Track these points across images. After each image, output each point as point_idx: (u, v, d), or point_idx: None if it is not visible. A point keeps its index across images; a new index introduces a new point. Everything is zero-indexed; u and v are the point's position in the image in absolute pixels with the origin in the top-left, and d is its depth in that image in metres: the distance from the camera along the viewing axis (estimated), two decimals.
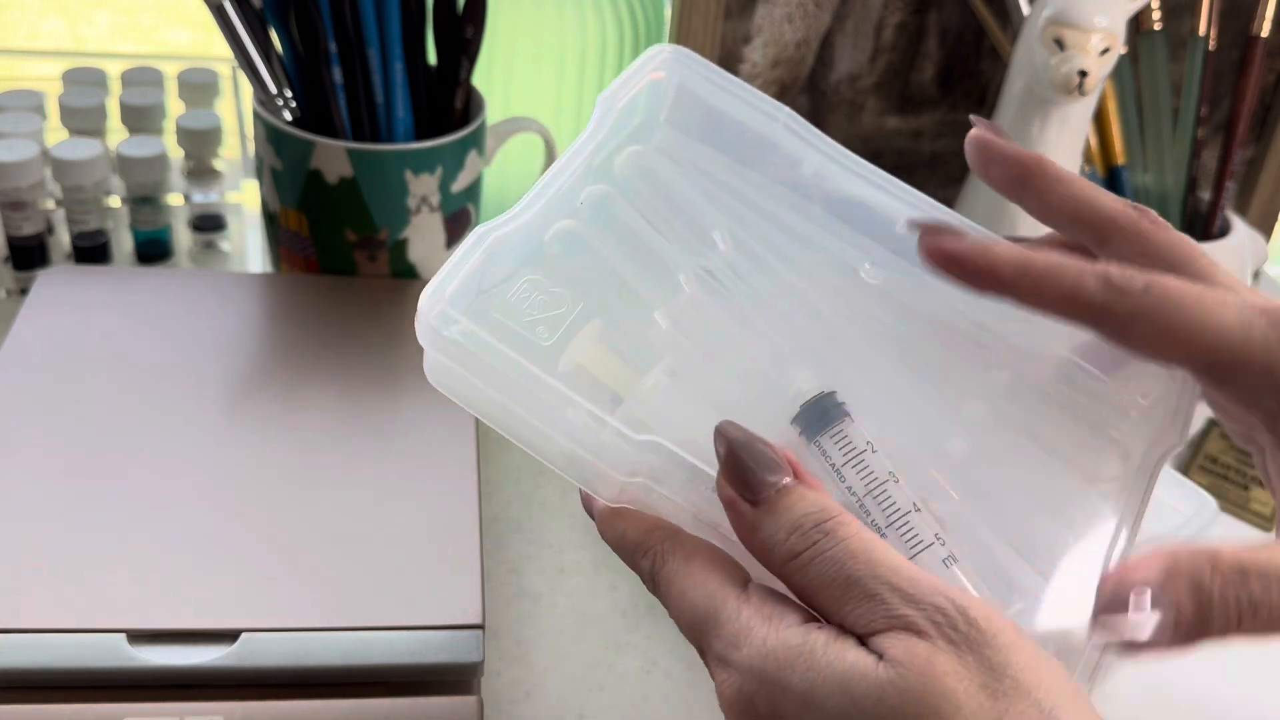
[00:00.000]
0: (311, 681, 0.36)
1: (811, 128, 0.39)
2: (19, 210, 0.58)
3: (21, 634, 0.35)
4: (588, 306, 0.34)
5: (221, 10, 0.51)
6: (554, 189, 0.36)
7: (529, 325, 0.33)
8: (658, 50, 0.38)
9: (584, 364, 0.33)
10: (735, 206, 0.38)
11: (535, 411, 0.32)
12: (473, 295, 0.33)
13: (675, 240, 0.36)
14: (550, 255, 0.35)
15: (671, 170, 0.38)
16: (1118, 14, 0.55)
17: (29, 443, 0.42)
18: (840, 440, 0.32)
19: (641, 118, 0.39)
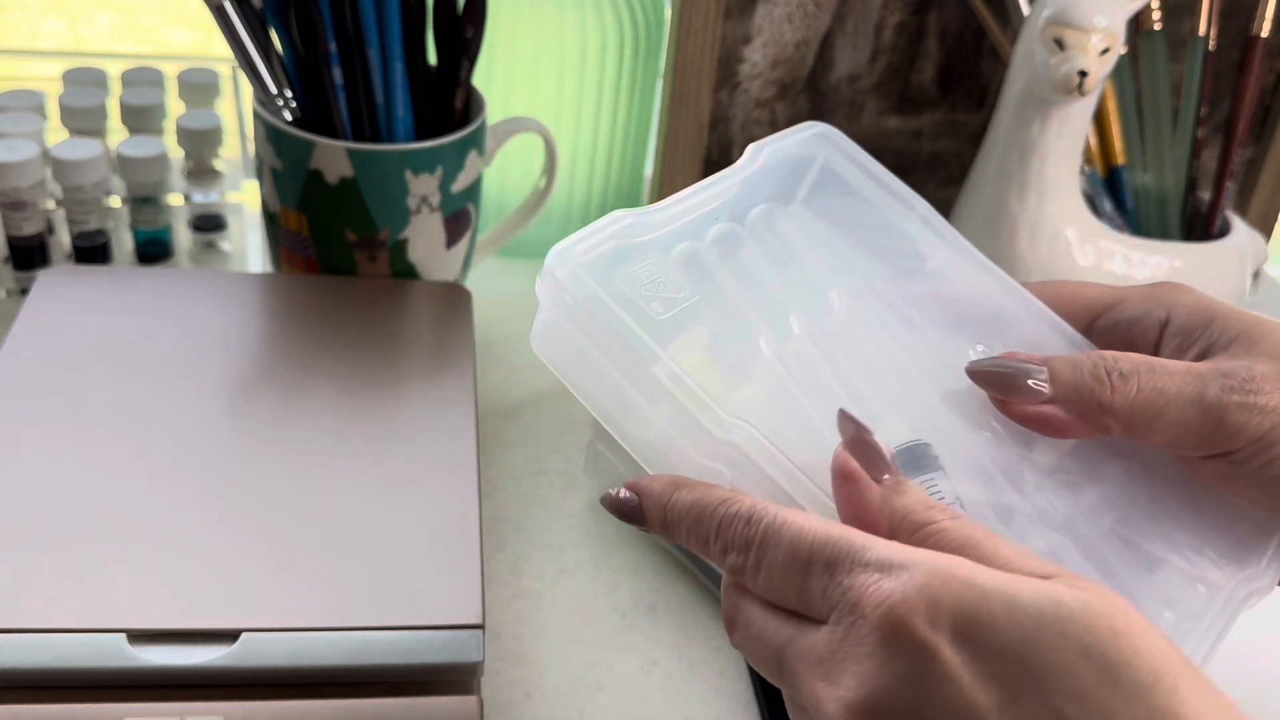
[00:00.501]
0: (311, 681, 0.36)
1: (945, 223, 0.41)
2: (19, 210, 0.58)
3: (21, 634, 0.35)
4: (704, 301, 0.35)
5: (222, 10, 0.51)
6: (690, 203, 0.37)
7: (646, 299, 0.34)
8: (811, 125, 0.41)
9: (684, 364, 0.33)
10: (854, 279, 0.39)
11: (635, 379, 0.33)
12: (600, 261, 0.34)
13: (793, 290, 0.37)
14: (672, 259, 0.36)
15: (801, 234, 0.39)
16: (1118, 14, 0.55)
17: (29, 442, 0.42)
18: (931, 488, 0.32)
19: (781, 184, 0.40)
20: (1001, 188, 0.59)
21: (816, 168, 0.41)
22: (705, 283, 0.36)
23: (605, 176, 0.70)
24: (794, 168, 0.41)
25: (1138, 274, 0.60)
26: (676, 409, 0.32)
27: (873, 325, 0.38)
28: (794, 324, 0.37)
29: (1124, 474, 0.36)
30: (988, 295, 0.40)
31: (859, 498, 0.30)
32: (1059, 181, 0.58)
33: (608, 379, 0.34)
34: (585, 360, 0.34)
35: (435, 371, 0.50)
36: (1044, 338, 0.39)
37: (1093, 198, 0.65)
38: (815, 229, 0.40)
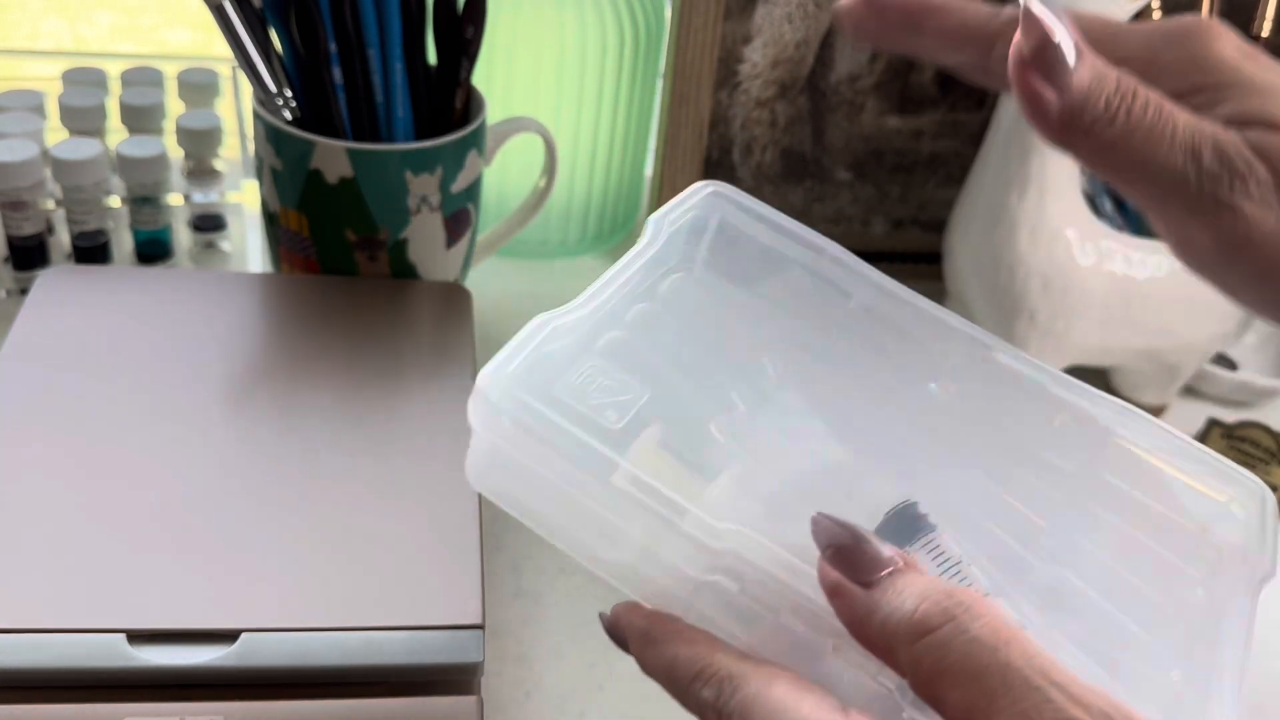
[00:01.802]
0: (311, 681, 0.36)
1: (859, 261, 0.39)
2: (19, 210, 0.58)
3: (21, 634, 0.35)
4: (650, 396, 0.33)
5: (221, 10, 0.51)
6: (605, 295, 0.35)
7: (595, 408, 0.31)
8: (702, 185, 0.39)
9: (645, 469, 0.30)
10: (780, 336, 0.37)
11: (603, 500, 0.30)
12: (534, 375, 0.31)
13: (726, 362, 0.36)
14: (605, 355, 0.34)
15: (715, 299, 0.38)
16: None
17: (29, 442, 0.42)
18: (933, 550, 0.30)
19: (683, 251, 0.38)
20: (1002, 187, 0.59)
21: (713, 228, 0.39)
22: (644, 376, 0.33)
23: (605, 176, 0.70)
24: (692, 232, 0.38)
25: (1138, 274, 0.60)
26: (652, 521, 0.29)
27: (813, 383, 0.36)
28: (737, 399, 0.35)
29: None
30: (921, 323, 0.38)
31: (852, 610, 0.26)
32: (1059, 181, 0.58)
33: (566, 503, 0.31)
34: (536, 486, 0.31)
35: (435, 371, 0.50)
36: (987, 357, 0.37)
37: (1093, 197, 0.65)
38: (727, 291, 0.38)
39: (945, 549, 0.30)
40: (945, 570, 0.30)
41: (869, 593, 0.26)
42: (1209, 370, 0.68)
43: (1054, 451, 0.36)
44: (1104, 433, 0.36)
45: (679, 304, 0.37)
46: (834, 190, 0.73)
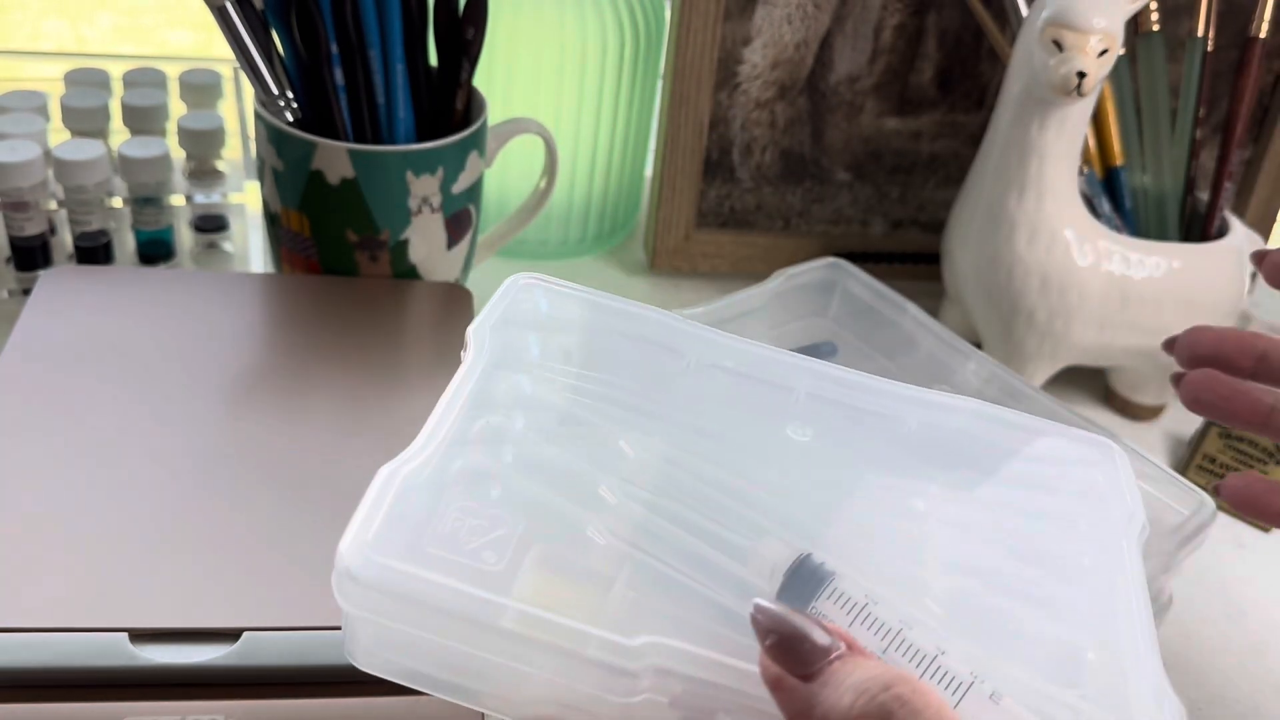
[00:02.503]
0: (313, 681, 0.36)
1: (681, 318, 0.38)
2: (21, 211, 0.58)
3: (22, 633, 0.35)
4: (529, 526, 0.31)
5: (223, 12, 0.51)
6: (447, 423, 0.33)
7: (472, 553, 0.30)
8: (514, 280, 0.39)
9: (535, 598, 0.29)
10: (628, 414, 0.36)
11: (500, 649, 0.28)
12: (398, 537, 0.29)
13: (582, 455, 0.34)
14: (465, 489, 0.32)
15: (549, 390, 0.36)
16: (1116, 15, 0.55)
17: (31, 442, 0.43)
18: (838, 599, 0.30)
19: (507, 352, 0.37)
20: (1000, 188, 0.59)
21: (534, 319, 0.38)
22: (509, 501, 0.32)
23: (605, 177, 0.71)
24: (514, 327, 0.38)
25: (1136, 274, 0.60)
26: (559, 659, 0.28)
27: (671, 451, 0.35)
28: (605, 493, 0.33)
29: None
30: (755, 365, 0.37)
31: (793, 705, 0.26)
32: (1057, 182, 0.58)
33: (465, 663, 0.29)
34: (428, 654, 0.30)
35: (436, 371, 0.50)
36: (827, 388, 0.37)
37: (1091, 198, 0.65)
38: (564, 378, 0.37)
39: (849, 595, 0.30)
40: (853, 618, 0.30)
41: (809, 686, 0.25)
42: None
43: (918, 459, 0.36)
44: (959, 431, 0.36)
45: (521, 408, 0.36)
46: (833, 191, 0.73)
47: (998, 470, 0.36)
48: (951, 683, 0.28)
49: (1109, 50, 0.55)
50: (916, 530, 0.34)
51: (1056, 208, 0.59)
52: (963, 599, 0.32)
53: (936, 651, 0.29)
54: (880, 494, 0.35)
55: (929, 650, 0.29)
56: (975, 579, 0.33)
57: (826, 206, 0.73)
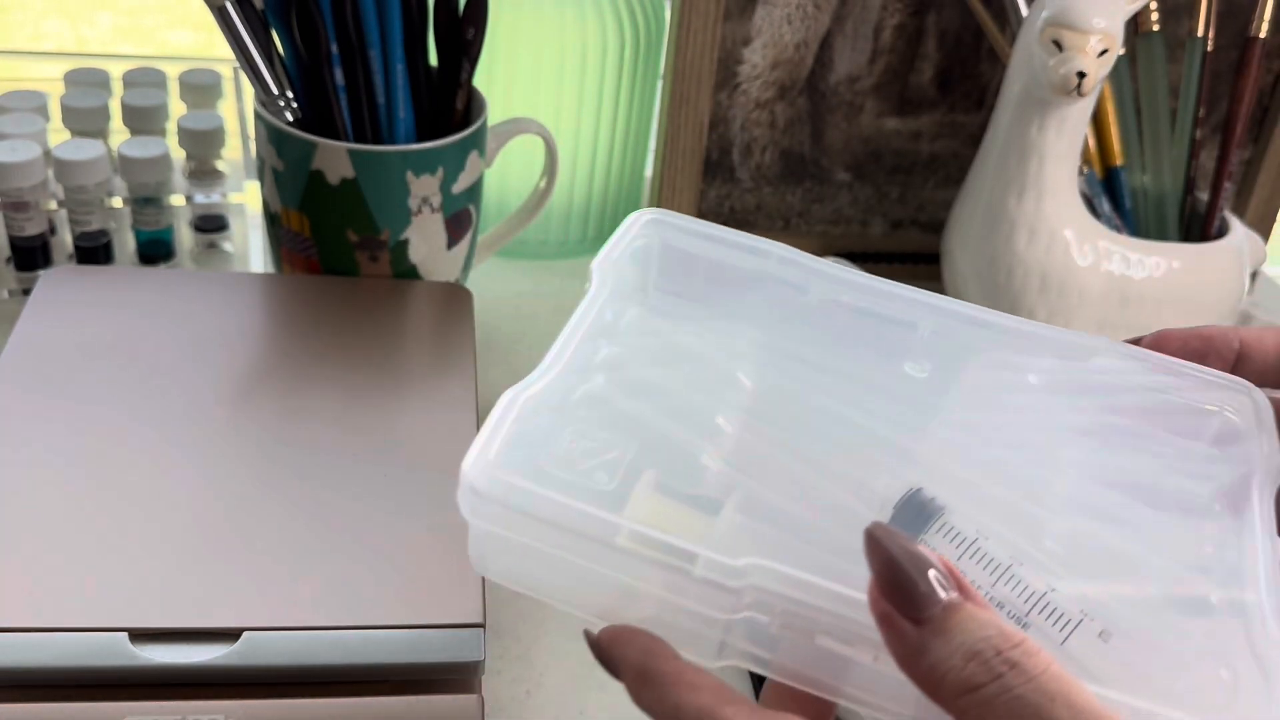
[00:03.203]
0: (313, 680, 0.37)
1: (809, 255, 0.38)
2: (21, 211, 0.58)
3: (22, 633, 0.35)
4: (637, 446, 0.32)
5: (223, 12, 0.51)
6: (568, 351, 0.34)
7: (585, 474, 0.31)
8: (639, 215, 0.38)
9: (647, 518, 0.30)
10: (748, 347, 0.37)
11: (613, 565, 0.29)
12: (517, 455, 0.31)
13: (701, 387, 0.35)
14: (582, 413, 0.33)
15: (674, 323, 0.37)
16: (1116, 15, 0.55)
17: (31, 442, 0.43)
18: (948, 534, 0.30)
19: (632, 283, 0.38)
20: (1000, 188, 0.59)
21: (656, 254, 0.39)
22: (626, 426, 0.33)
23: (605, 177, 0.71)
24: (636, 262, 0.38)
25: (1136, 274, 0.60)
26: (667, 575, 0.29)
27: (790, 385, 0.36)
28: (721, 423, 0.34)
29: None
30: (892, 305, 0.37)
31: (902, 645, 0.25)
32: (1057, 182, 0.58)
33: (577, 574, 0.30)
34: (543, 564, 0.31)
35: (436, 371, 0.50)
36: (952, 327, 0.37)
37: (1091, 198, 0.65)
38: (686, 314, 0.37)
39: (959, 530, 0.30)
40: (962, 553, 0.30)
41: (920, 632, 0.25)
42: None
43: (1045, 396, 0.36)
44: (1086, 370, 0.36)
45: (641, 339, 0.36)
46: (833, 191, 0.73)
47: (1129, 409, 0.35)
48: (1060, 619, 0.28)
49: (1109, 50, 0.55)
50: (1036, 468, 0.34)
51: (1056, 208, 0.59)
52: (1080, 538, 0.32)
53: (1046, 588, 0.29)
54: (999, 432, 0.35)
55: (1038, 587, 0.29)
56: (1095, 519, 0.32)
57: (826, 206, 0.73)
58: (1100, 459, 0.34)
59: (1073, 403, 0.36)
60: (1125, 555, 0.32)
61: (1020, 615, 0.29)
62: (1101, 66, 0.55)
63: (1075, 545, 0.32)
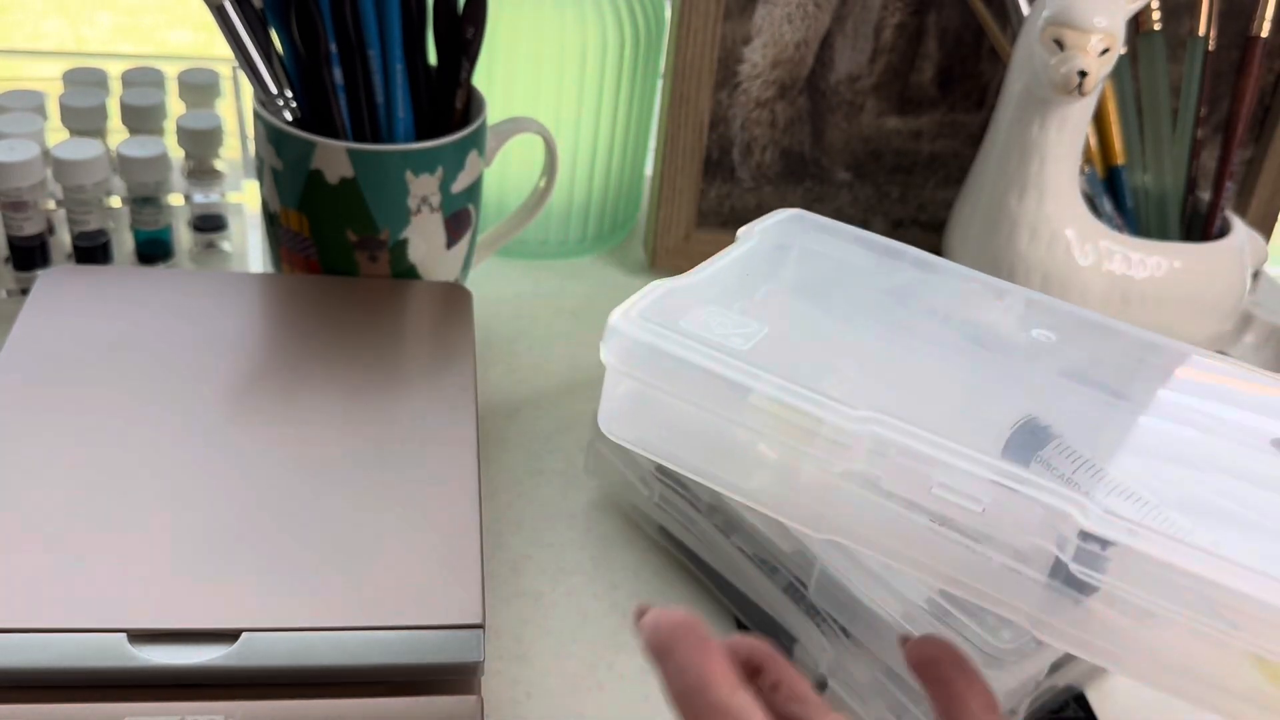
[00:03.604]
0: (312, 681, 0.36)
1: (936, 258, 0.42)
2: (20, 210, 0.58)
3: (22, 633, 0.35)
4: (774, 332, 0.35)
5: (222, 11, 0.51)
6: (713, 268, 0.38)
7: (723, 336, 0.34)
8: (783, 211, 0.43)
9: (785, 398, 0.31)
10: (878, 319, 0.40)
11: (736, 414, 0.31)
12: (661, 314, 0.34)
13: (826, 345, 0.38)
14: (720, 305, 0.36)
15: (809, 307, 0.40)
16: (1117, 14, 0.55)
17: (30, 442, 0.42)
18: (1063, 450, 0.32)
19: (771, 269, 0.41)
20: (1001, 188, 0.59)
21: (797, 250, 0.42)
22: (764, 322, 0.35)
23: (605, 176, 0.71)
24: (778, 250, 0.41)
25: (1137, 274, 0.60)
26: (790, 433, 0.31)
27: (921, 350, 0.38)
28: (845, 366, 0.37)
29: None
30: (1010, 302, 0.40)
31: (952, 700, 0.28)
32: (1059, 181, 0.58)
33: (700, 432, 0.33)
34: (672, 423, 0.33)
35: (436, 371, 0.50)
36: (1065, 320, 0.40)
37: (1092, 198, 0.65)
38: (821, 301, 0.40)
39: (1077, 450, 0.32)
40: (1077, 467, 0.32)
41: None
42: None
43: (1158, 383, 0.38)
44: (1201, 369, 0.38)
45: (776, 306, 0.39)
46: (833, 191, 0.73)
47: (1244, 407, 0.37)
48: (1174, 527, 0.30)
49: (1110, 49, 0.55)
50: (1152, 439, 0.35)
51: (1058, 207, 0.59)
52: (1198, 502, 0.33)
53: (1160, 503, 0.30)
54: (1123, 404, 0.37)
55: (1154, 500, 0.30)
56: (1203, 487, 0.33)
57: (827, 206, 0.73)
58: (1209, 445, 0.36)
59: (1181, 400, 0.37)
60: (1231, 514, 0.33)
61: (1135, 520, 0.30)
62: (1103, 66, 0.55)
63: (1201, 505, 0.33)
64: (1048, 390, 0.36)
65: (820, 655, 0.44)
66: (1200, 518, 0.32)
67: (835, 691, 0.44)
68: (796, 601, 0.44)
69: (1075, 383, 0.37)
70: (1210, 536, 0.30)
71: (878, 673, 0.42)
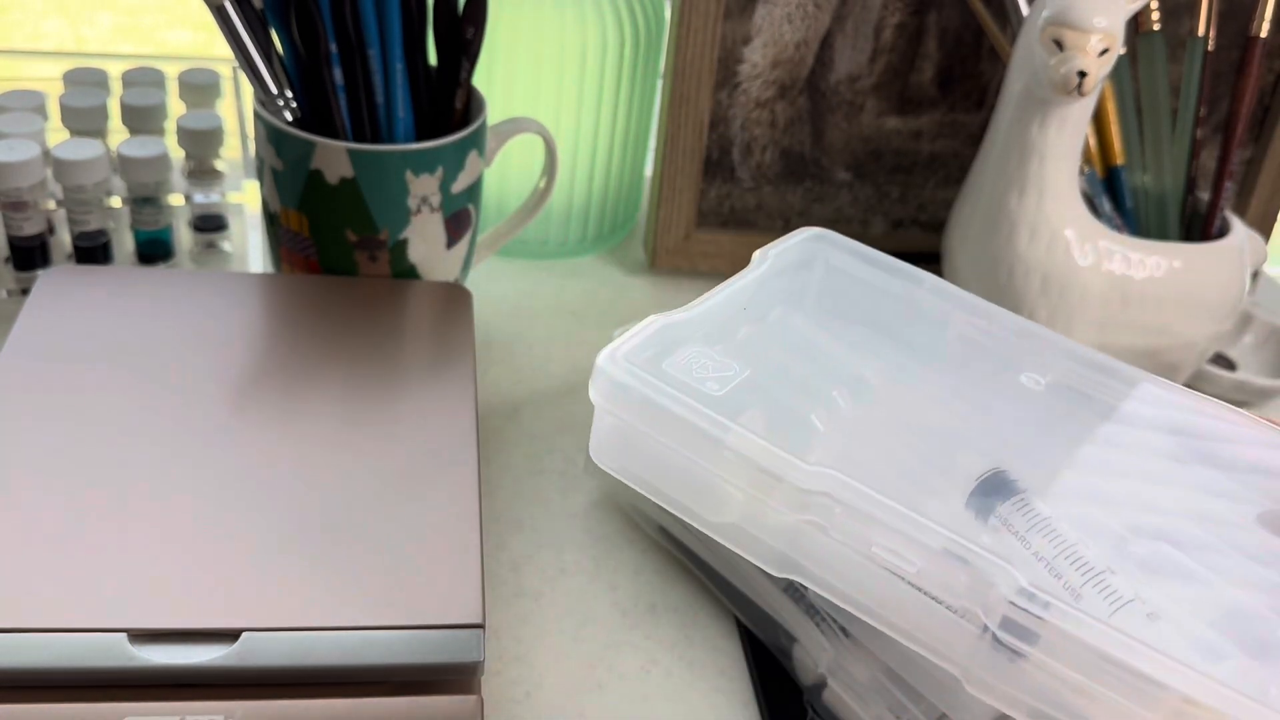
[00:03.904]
0: (312, 681, 0.36)
1: (954, 287, 0.44)
2: (20, 210, 0.58)
3: (22, 633, 0.35)
4: (753, 378, 0.37)
5: (222, 11, 0.51)
6: (712, 301, 0.40)
7: (699, 380, 0.36)
8: (804, 230, 0.45)
9: (745, 451, 0.34)
10: (881, 355, 0.41)
11: (709, 456, 0.34)
12: (646, 358, 0.36)
13: (828, 372, 0.40)
14: (708, 343, 0.38)
15: (821, 329, 0.42)
16: (1117, 14, 0.55)
17: (30, 442, 0.43)
18: (1022, 508, 0.33)
19: (790, 287, 0.43)
20: (1001, 188, 0.59)
21: (820, 268, 0.44)
22: (748, 363, 0.37)
23: (605, 176, 0.71)
24: (800, 269, 0.43)
25: (1137, 274, 0.60)
26: (755, 477, 0.33)
27: (914, 389, 0.39)
28: (838, 398, 0.38)
29: None
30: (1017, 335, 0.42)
31: None
32: (1058, 181, 0.58)
33: (676, 468, 0.35)
34: (653, 458, 0.36)
35: (435, 371, 0.50)
36: (1058, 360, 0.40)
37: (1092, 198, 0.65)
38: (829, 321, 0.42)
39: (1035, 509, 0.33)
40: (1033, 526, 0.33)
41: None
42: (1207, 370, 0.68)
43: (1142, 429, 0.39)
44: (1183, 412, 0.39)
45: (783, 329, 0.41)
46: (833, 191, 0.73)
47: (1211, 454, 0.38)
48: (1112, 596, 0.31)
49: (1109, 50, 0.55)
50: (1123, 487, 0.36)
51: (1057, 207, 0.59)
52: (1151, 556, 0.34)
53: (1106, 569, 0.32)
54: (1095, 452, 0.38)
55: (1099, 566, 0.32)
56: (1165, 542, 0.34)
57: (827, 206, 0.73)
58: (1177, 493, 0.37)
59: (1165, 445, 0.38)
60: (1188, 572, 0.34)
61: (1075, 587, 0.31)
62: (1102, 66, 0.55)
63: (1146, 560, 0.34)
64: (1026, 439, 0.37)
65: (820, 655, 0.44)
66: (1153, 581, 0.33)
67: (835, 691, 0.44)
68: (796, 601, 0.45)
69: (1054, 432, 0.38)
70: (1156, 603, 0.31)
71: (878, 673, 0.42)
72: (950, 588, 0.31)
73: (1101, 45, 0.54)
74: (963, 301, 0.42)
